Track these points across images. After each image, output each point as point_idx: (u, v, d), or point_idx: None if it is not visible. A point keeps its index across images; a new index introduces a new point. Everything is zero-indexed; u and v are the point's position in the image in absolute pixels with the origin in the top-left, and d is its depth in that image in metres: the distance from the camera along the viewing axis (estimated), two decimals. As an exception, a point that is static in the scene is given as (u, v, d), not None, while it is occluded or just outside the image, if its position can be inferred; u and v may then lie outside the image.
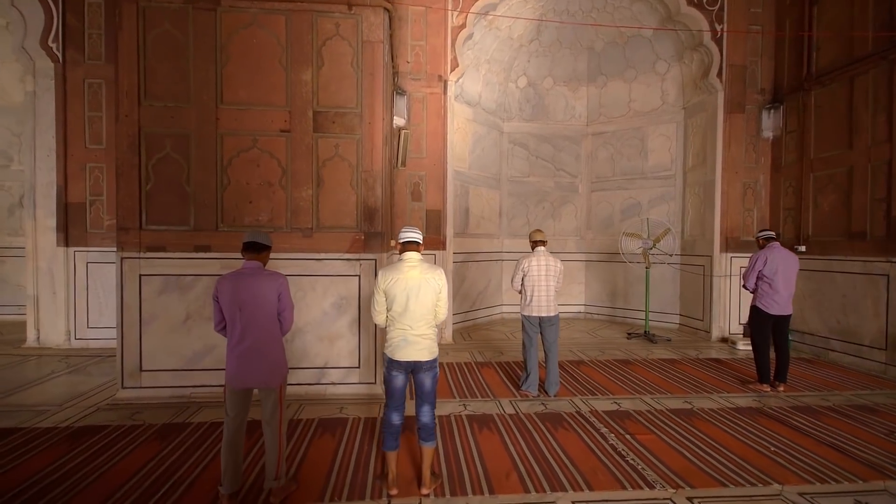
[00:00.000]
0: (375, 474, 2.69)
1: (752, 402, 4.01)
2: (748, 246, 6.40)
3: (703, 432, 3.34)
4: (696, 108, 6.77)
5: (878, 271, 4.90)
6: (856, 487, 2.61)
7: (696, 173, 6.78)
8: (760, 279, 4.30)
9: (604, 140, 7.86)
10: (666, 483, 2.62)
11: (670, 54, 6.96)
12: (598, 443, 3.15)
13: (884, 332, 4.84)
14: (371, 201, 4.00)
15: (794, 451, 3.03)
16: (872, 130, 5.00)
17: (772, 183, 6.38)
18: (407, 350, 2.48)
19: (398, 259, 2.58)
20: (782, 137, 6.21)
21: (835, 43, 5.45)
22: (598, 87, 7.79)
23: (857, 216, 5.17)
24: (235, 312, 2.34)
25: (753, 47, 6.31)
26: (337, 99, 3.97)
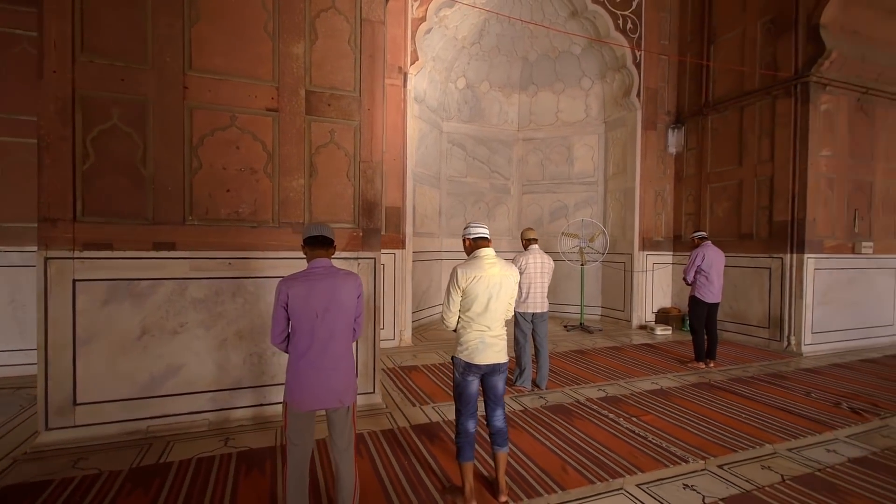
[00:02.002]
0: (441, 489, 2.49)
1: (699, 378, 4.68)
2: (659, 245, 7.45)
3: (685, 408, 3.80)
4: (616, 123, 7.64)
5: (762, 265, 6.11)
6: (817, 439, 3.23)
7: (616, 181, 7.64)
8: (698, 273, 5.05)
9: (534, 146, 8.39)
10: (693, 456, 2.92)
11: (595, 72, 7.73)
12: (617, 427, 3.36)
13: (766, 314, 6.07)
14: (370, 195, 3.67)
15: (759, 417, 3.63)
16: (758, 151, 6.22)
17: (675, 191, 7.51)
18: (486, 353, 2.34)
19: (472, 256, 2.43)
20: (684, 153, 7.35)
21: (728, 77, 6.65)
22: (530, 95, 8.28)
23: (745, 220, 6.39)
24: (313, 320, 1.95)
25: (663, 74, 7.36)
26: (333, 79, 3.55)
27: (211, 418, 3.23)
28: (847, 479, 2.66)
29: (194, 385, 3.20)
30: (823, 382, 4.55)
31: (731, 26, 6.62)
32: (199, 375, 3.21)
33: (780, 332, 5.89)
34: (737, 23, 6.53)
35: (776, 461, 2.89)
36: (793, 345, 5.77)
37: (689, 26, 7.27)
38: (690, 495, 2.48)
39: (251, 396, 3.36)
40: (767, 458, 2.93)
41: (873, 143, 6.23)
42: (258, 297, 3.35)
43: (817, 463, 2.86)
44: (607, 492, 2.52)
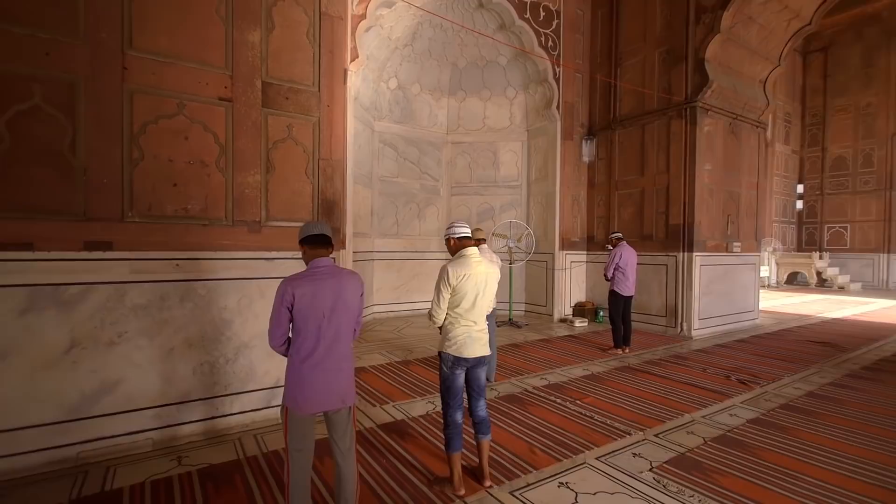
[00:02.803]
0: (427, 482, 2.56)
1: (619, 363, 5.30)
2: (576, 245, 8.20)
3: (616, 389, 4.31)
4: (538, 132, 8.25)
5: (660, 262, 7.08)
6: (721, 407, 3.89)
7: (539, 185, 8.26)
8: (616, 269, 5.71)
9: (462, 149, 8.70)
10: (633, 429, 3.36)
11: (519, 84, 8.27)
12: (566, 410, 3.71)
13: (664, 304, 7.04)
14: (330, 193, 3.59)
15: (674, 392, 4.26)
16: (656, 163, 7.19)
17: (589, 196, 8.34)
18: (473, 347, 2.48)
19: (459, 255, 2.54)
20: (596, 162, 8.19)
21: (632, 97, 7.57)
22: (458, 100, 8.58)
23: (647, 223, 7.33)
24: (320, 321, 1.92)
25: (578, 90, 8.12)
26: (291, 72, 3.40)
27: (155, 437, 2.91)
28: (750, 436, 3.27)
29: (135, 401, 2.86)
30: (713, 360, 5.44)
31: (634, 53, 7.55)
32: (140, 390, 2.88)
33: (675, 320, 6.88)
34: (639, 50, 7.47)
35: (696, 427, 3.44)
36: (685, 330, 6.77)
37: (599, 49, 8.12)
38: (640, 462, 2.86)
39: (202, 409, 3.09)
40: (689, 426, 3.46)
41: (740, 161, 7.55)
42: (210, 301, 3.10)
43: (726, 426, 3.47)
44: (573, 466, 2.80)
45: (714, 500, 2.43)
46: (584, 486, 2.56)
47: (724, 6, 6.37)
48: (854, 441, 3.19)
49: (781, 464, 2.85)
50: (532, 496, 2.46)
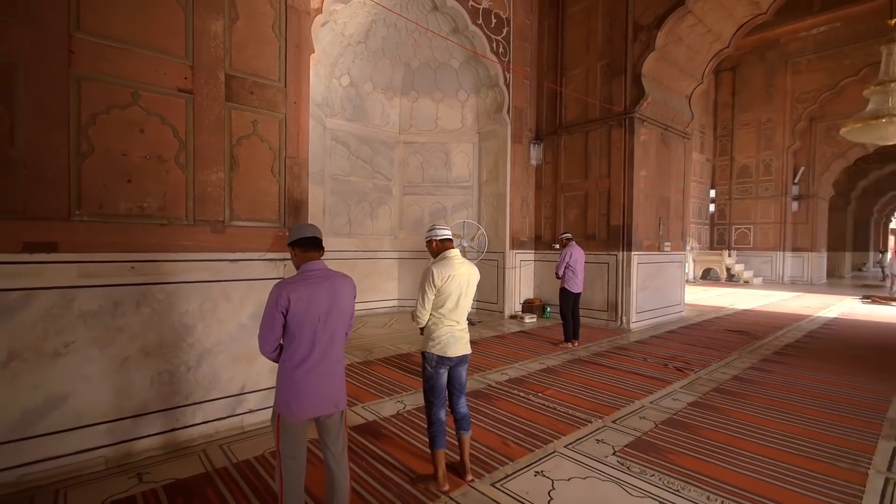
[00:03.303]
0: (410, 481, 2.59)
1: (570, 356, 5.63)
2: (525, 244, 8.54)
3: (572, 380, 4.59)
4: (488, 135, 8.48)
5: (603, 261, 7.58)
6: (664, 392, 4.28)
7: (489, 186, 8.49)
8: (567, 268, 6.05)
9: (414, 149, 8.73)
10: (593, 417, 3.61)
11: (471, 87, 8.45)
12: (530, 403, 3.90)
13: (606, 300, 7.56)
14: (297, 192, 3.48)
15: (622, 380, 4.62)
16: (599, 168, 7.68)
17: (536, 198, 8.71)
18: (457, 346, 2.55)
19: (441, 256, 2.60)
20: (543, 165, 8.58)
21: (576, 105, 8.02)
22: (411, 100, 8.59)
23: (590, 224, 7.82)
24: (315, 325, 1.89)
25: (527, 96, 8.45)
26: (256, 66, 3.26)
27: (108, 454, 2.68)
28: (692, 418, 3.64)
29: (85, 417, 2.62)
30: (651, 350, 5.94)
31: (578, 63, 8.01)
32: (91, 405, 2.64)
33: (616, 314, 7.41)
34: (583, 61, 7.93)
35: (646, 412, 3.76)
36: (625, 323, 7.32)
37: (546, 57, 8.51)
38: (604, 447, 3.09)
39: (161, 422, 2.89)
40: (640, 411, 3.79)
41: (669, 168, 8.28)
42: (170, 305, 2.90)
43: (671, 409, 3.83)
44: (545, 455, 2.96)
45: (670, 477, 2.69)
46: (558, 474, 2.72)
47: (658, 26, 6.96)
48: (775, 417, 3.67)
49: (720, 441, 3.21)
50: (512, 486, 2.58)
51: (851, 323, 8.30)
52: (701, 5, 6.91)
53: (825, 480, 2.67)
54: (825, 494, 2.52)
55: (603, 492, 2.53)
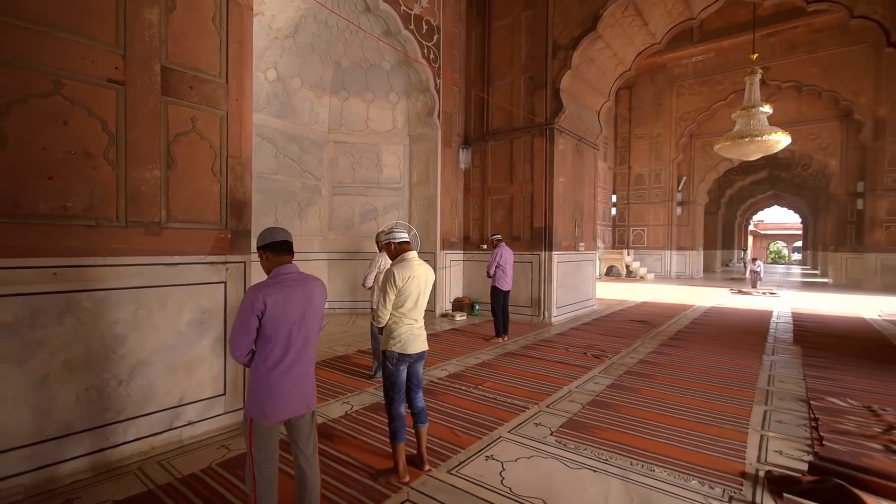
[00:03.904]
0: (371, 476, 2.67)
1: (502, 350, 6.01)
2: (454, 245, 8.84)
3: (506, 372, 4.93)
4: (419, 138, 8.65)
5: (527, 260, 8.13)
6: (586, 377, 4.79)
7: (420, 188, 8.67)
8: (497, 267, 6.43)
9: (345, 149, 8.61)
10: (529, 404, 3.95)
11: (402, 90, 8.55)
12: (472, 395, 4.14)
13: (530, 296, 8.12)
14: (240, 193, 3.35)
15: (550, 369, 5.06)
16: (523, 174, 8.23)
17: (465, 200, 9.07)
18: (416, 343, 2.69)
19: (401, 258, 2.71)
20: (471, 169, 8.96)
21: (502, 113, 8.50)
22: (341, 99, 8.46)
23: (515, 226, 8.34)
24: (291, 327, 1.91)
25: (456, 102, 8.77)
26: (195, 59, 3.09)
27: (28, 481, 2.40)
28: (611, 398, 4.14)
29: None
30: (572, 341, 6.55)
31: (504, 75, 8.50)
32: (5, 428, 2.35)
33: (539, 309, 8.00)
34: (508, 73, 8.43)
35: (574, 396, 4.20)
36: (547, 318, 7.94)
37: (474, 66, 8.90)
38: (542, 429, 3.42)
39: (89, 442, 2.64)
40: (568, 395, 4.21)
41: (583, 175, 9.11)
42: (98, 314, 2.66)
43: (593, 392, 4.31)
44: (492, 441, 3.21)
45: (600, 449, 3.08)
46: (506, 456, 2.98)
47: (574, 46, 7.65)
48: (674, 392, 4.31)
49: (635, 415, 3.71)
50: (466, 471, 2.78)
51: (724, 311, 9.80)
52: (609, 32, 7.73)
53: (717, 440, 3.24)
54: (719, 451, 3.07)
55: (546, 467, 2.83)
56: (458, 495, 2.51)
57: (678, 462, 2.90)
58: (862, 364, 5.39)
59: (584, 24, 7.55)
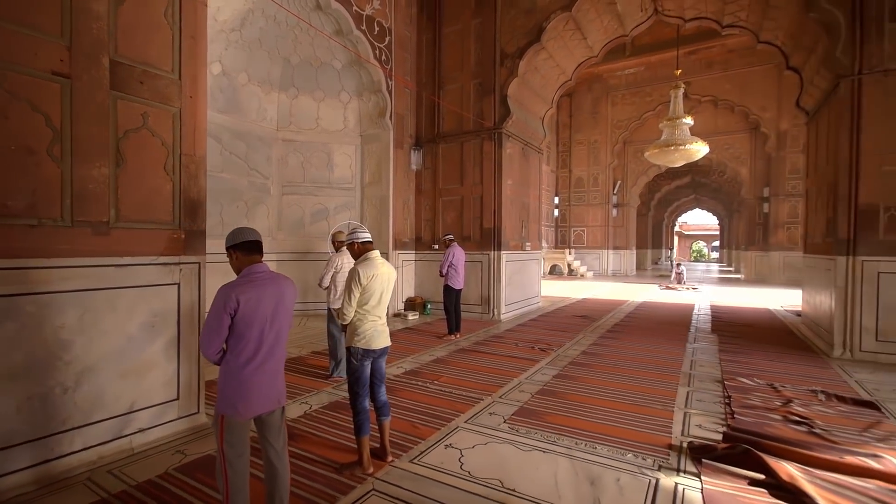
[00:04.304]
0: (335, 470, 2.75)
1: (455, 347, 6.22)
2: (406, 245, 8.96)
3: (460, 367, 5.14)
4: (371, 139, 8.67)
5: (477, 259, 8.42)
6: (535, 369, 5.11)
7: (372, 189, 8.69)
8: (450, 267, 6.64)
9: (294, 147, 8.44)
10: (483, 396, 4.18)
11: (353, 89, 8.53)
12: (429, 390, 4.31)
13: (480, 294, 8.42)
14: (194, 192, 3.28)
15: (500, 363, 5.34)
16: (473, 176, 8.51)
17: (417, 201, 9.20)
18: (380, 339, 2.81)
19: (364, 258, 2.81)
20: (423, 171, 9.11)
21: (453, 117, 8.73)
22: (290, 97, 8.29)
23: (466, 226, 8.60)
24: (263, 325, 1.96)
25: (408, 104, 8.88)
26: (146, 54, 3.00)
27: (-37, 500, 2.25)
28: (557, 387, 4.46)
29: (-72, 460, 2.16)
30: (520, 336, 6.89)
31: (454, 79, 8.73)
32: (-64, 444, 2.19)
33: (489, 307, 8.32)
34: (458, 78, 8.68)
35: (524, 386, 4.49)
36: (496, 315, 8.27)
37: (425, 69, 9.06)
38: (496, 418, 3.65)
39: (32, 454, 2.51)
40: (519, 386, 4.49)
41: (528, 178, 9.56)
42: (42, 319, 2.53)
43: (541, 382, 4.62)
44: (450, 431, 3.39)
45: (548, 432, 3.35)
46: (464, 444, 3.17)
47: (520, 56, 8.03)
48: (613, 379, 4.72)
49: (579, 401, 4.05)
50: (428, 460, 2.93)
51: (654, 305, 10.69)
52: (552, 43, 8.19)
53: (648, 419, 3.63)
54: (649, 428, 3.44)
55: (501, 452, 3.05)
56: (421, 482, 2.66)
57: (616, 439, 3.24)
58: (767, 348, 6.16)
59: (529, 35, 7.95)
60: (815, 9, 5.66)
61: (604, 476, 2.73)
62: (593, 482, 2.66)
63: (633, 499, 2.50)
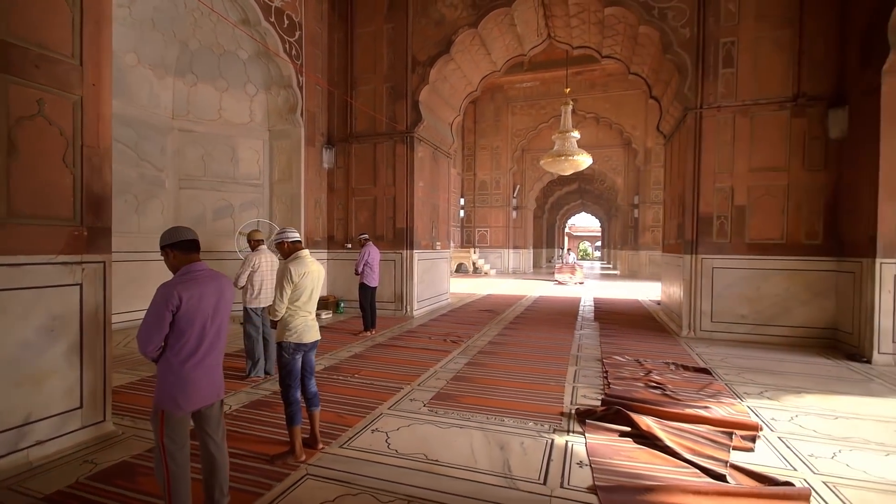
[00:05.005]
0: (268, 461, 2.84)
1: (371, 342, 6.41)
2: (319, 244, 8.86)
3: (378, 361, 5.37)
4: (281, 134, 8.42)
5: (390, 258, 8.65)
6: (448, 358, 5.53)
7: (282, 186, 8.45)
8: (365, 265, 6.80)
9: (193, 139, 7.87)
10: (403, 385, 4.48)
11: (260, 82, 8.20)
12: (351, 383, 4.48)
13: (393, 292, 8.67)
14: (97, 186, 3.08)
15: (417, 355, 5.68)
16: (386, 177, 8.72)
17: (329, 200, 9.14)
18: (310, 333, 2.96)
19: (295, 256, 2.93)
20: (335, 170, 9.08)
21: (366, 118, 8.84)
22: (188, 84, 7.71)
23: (379, 226, 8.79)
24: (205, 321, 2.04)
25: (319, 101, 8.78)
26: (42, 36, 2.76)
27: None
28: (469, 373, 4.93)
29: None
30: (433, 330, 7.30)
31: (367, 81, 8.85)
32: None
33: (402, 304, 8.61)
34: (371, 80, 8.82)
35: (440, 374, 4.87)
36: (409, 311, 8.59)
37: (336, 68, 9.04)
38: (416, 403, 3.97)
39: None
40: (435, 374, 4.87)
41: (438, 180, 10.04)
42: (-82, 325, 2.26)
43: (455, 369, 5.05)
44: (375, 418, 3.63)
45: (463, 411, 3.77)
46: (389, 427, 3.44)
47: (431, 64, 8.44)
48: (516, 363, 5.33)
49: (488, 383, 4.55)
50: (357, 444, 3.15)
51: (549, 299, 11.90)
52: (460, 56, 8.74)
53: (545, 394, 4.24)
54: (546, 401, 4.04)
55: (423, 431, 3.38)
56: (353, 462, 2.88)
57: (520, 412, 3.76)
58: (635, 331, 7.35)
59: (439, 46, 8.39)
60: (670, 51, 6.91)
61: (511, 442, 3.21)
62: (503, 447, 3.12)
63: (534, 457, 3.00)
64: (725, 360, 5.55)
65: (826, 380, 4.80)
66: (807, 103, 6.37)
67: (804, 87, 6.39)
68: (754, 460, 2.96)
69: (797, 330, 6.45)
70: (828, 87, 6.31)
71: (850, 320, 5.95)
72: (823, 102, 6.31)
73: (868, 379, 4.85)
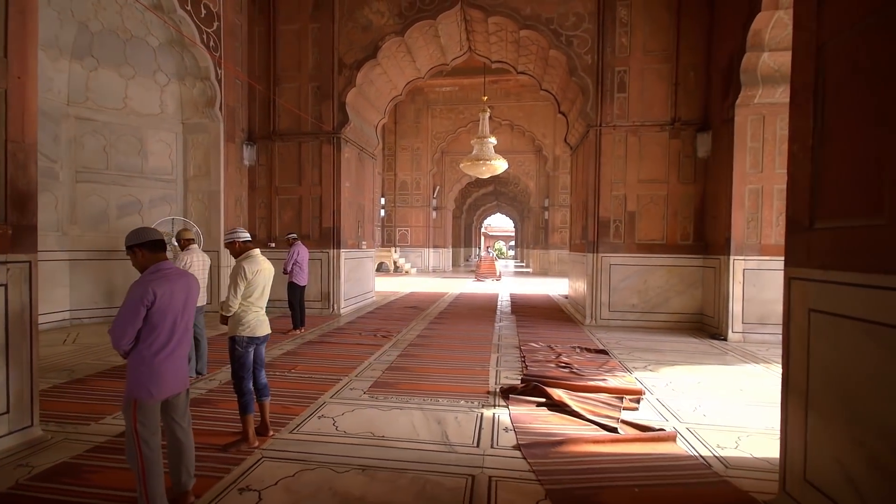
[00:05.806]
0: (220, 450, 2.96)
1: (302, 340, 6.48)
2: (239, 243, 8.56)
3: (313, 357, 5.52)
4: (197, 128, 8.02)
5: (317, 258, 8.65)
6: (380, 352, 5.84)
7: (199, 182, 8.05)
8: (295, 264, 6.83)
9: (93, 128, 7.21)
10: (341, 377, 4.72)
11: (173, 72, 7.75)
12: (289, 378, 4.62)
13: (320, 291, 8.71)
14: (22, 184, 2.95)
15: (350, 350, 5.91)
16: (312, 177, 8.72)
17: (250, 198, 8.88)
18: (263, 327, 3.14)
19: (247, 255, 3.08)
20: (257, 167, 8.86)
21: (290, 116, 8.75)
22: (87, 68, 7.06)
23: (304, 225, 8.76)
24: (176, 315, 2.19)
25: (239, 96, 8.50)
26: (-36, 23, 2.62)
27: None
28: (403, 363, 5.29)
29: None
30: (362, 326, 7.53)
31: (291, 79, 8.77)
32: None
33: (329, 302, 8.68)
34: (296, 78, 8.75)
35: (374, 365, 5.18)
36: (336, 309, 8.69)
37: (258, 63, 8.81)
38: (357, 391, 4.25)
39: None
40: (370, 366, 5.16)
41: (364, 181, 10.22)
42: None
43: (389, 361, 5.38)
44: (320, 406, 3.86)
45: (401, 396, 4.13)
46: (334, 413, 3.70)
47: (358, 68, 8.62)
48: (444, 353, 5.81)
49: (420, 371, 4.96)
50: (306, 429, 3.38)
51: (469, 295, 12.63)
52: (386, 61, 9.02)
53: (473, 377, 4.77)
54: (474, 383, 4.56)
55: (367, 414, 3.70)
56: (306, 443, 3.12)
57: (452, 393, 4.23)
58: (546, 322, 8.26)
59: (366, 50, 8.59)
60: (575, 75, 7.88)
61: (447, 417, 3.65)
62: (440, 422, 3.55)
63: (467, 427, 3.47)
64: (619, 343, 6.56)
65: (693, 354, 5.95)
66: (681, 127, 7.70)
67: (679, 113, 7.71)
68: (639, 417, 3.73)
69: (674, 315, 7.76)
70: (697, 113, 7.69)
71: (712, 306, 7.33)
72: (693, 127, 7.67)
73: (724, 353, 6.10)
